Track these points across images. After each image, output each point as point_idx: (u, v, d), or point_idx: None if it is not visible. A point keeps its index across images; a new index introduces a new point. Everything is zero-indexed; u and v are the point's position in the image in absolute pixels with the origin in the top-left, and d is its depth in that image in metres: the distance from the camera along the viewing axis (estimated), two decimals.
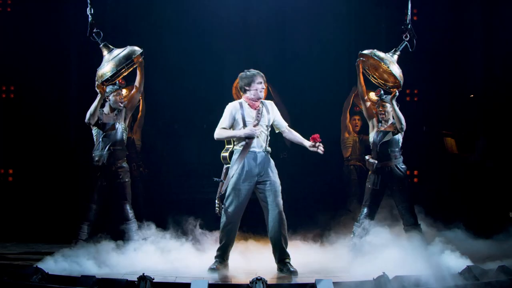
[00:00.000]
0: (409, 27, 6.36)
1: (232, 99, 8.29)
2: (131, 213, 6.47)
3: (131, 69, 6.40)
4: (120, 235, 6.31)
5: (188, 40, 9.01)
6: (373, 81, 6.76)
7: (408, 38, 6.41)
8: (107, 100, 6.42)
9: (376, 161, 6.53)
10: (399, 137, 6.56)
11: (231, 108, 5.71)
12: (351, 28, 9.23)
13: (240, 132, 5.61)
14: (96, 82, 6.22)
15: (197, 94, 9.13)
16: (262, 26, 9.24)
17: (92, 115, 6.27)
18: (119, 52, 6.22)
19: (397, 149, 6.54)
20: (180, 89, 9.05)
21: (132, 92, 6.59)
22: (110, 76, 6.19)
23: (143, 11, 8.90)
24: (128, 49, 6.26)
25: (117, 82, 6.40)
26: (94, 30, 6.24)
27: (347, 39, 9.13)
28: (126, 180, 6.48)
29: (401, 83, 6.42)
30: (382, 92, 6.59)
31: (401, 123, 6.43)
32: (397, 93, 6.42)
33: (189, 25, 9.04)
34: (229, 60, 9.09)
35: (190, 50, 9.03)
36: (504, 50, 8.52)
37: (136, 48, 6.29)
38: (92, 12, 6.23)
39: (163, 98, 8.92)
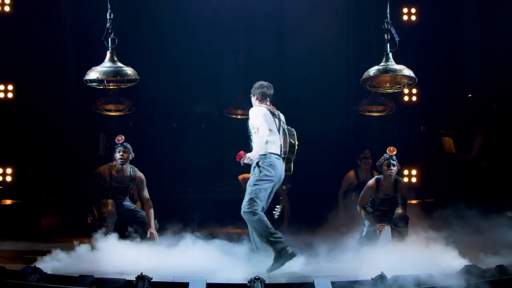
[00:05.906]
0: (388, 27, 6.26)
1: (232, 100, 8.37)
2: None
3: (123, 86, 6.23)
4: (127, 236, 6.34)
5: (187, 40, 9.02)
6: (388, 91, 6.53)
7: (389, 37, 6.28)
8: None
9: (385, 226, 6.46)
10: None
11: None
12: (349, 28, 9.23)
13: None
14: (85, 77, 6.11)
15: (196, 93, 9.13)
16: (262, 26, 9.25)
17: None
18: (112, 66, 6.06)
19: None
20: (179, 88, 9.05)
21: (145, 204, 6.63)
22: (95, 81, 6.07)
23: (143, 11, 8.91)
24: (122, 69, 6.07)
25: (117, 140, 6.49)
26: (111, 36, 6.09)
27: (347, 39, 9.13)
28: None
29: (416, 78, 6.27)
30: (387, 155, 6.54)
31: None
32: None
33: (189, 25, 9.05)
34: (229, 60, 9.10)
35: (190, 49, 9.04)
36: (502, 50, 8.53)
37: (130, 71, 6.04)
38: (111, 16, 6.10)
39: (162, 97, 8.92)
